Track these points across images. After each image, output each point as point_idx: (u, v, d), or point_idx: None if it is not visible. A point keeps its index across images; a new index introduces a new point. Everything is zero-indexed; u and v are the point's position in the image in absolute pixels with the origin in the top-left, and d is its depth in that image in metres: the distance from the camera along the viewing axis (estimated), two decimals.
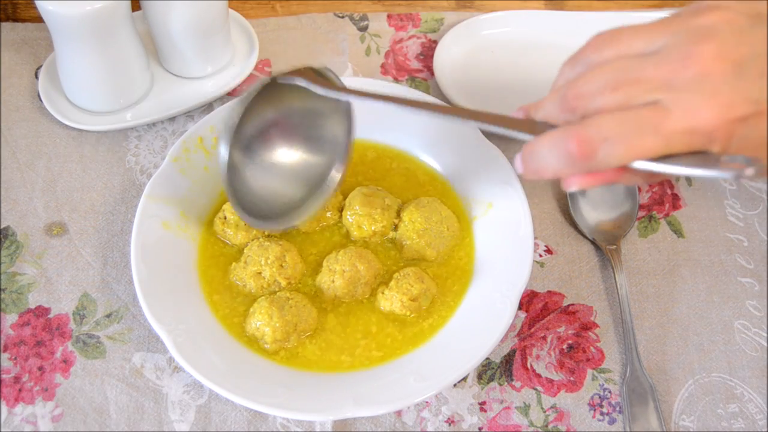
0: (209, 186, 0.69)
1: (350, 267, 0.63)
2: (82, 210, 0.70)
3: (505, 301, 0.61)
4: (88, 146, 0.73)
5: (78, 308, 0.65)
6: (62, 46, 0.69)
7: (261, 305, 0.61)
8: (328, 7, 0.85)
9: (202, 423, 0.60)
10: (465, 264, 0.66)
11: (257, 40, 0.79)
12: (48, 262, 0.67)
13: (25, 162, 0.72)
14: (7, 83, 0.77)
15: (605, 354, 0.64)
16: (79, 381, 0.61)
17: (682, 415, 0.61)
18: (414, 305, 0.62)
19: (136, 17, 0.76)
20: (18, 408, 0.60)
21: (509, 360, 0.63)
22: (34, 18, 0.81)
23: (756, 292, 0.67)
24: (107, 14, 0.65)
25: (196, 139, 0.69)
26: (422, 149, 0.72)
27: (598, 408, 0.61)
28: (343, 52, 0.82)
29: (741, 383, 0.63)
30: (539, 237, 0.70)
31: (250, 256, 0.64)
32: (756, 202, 0.73)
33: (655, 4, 0.87)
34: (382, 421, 0.60)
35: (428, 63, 0.81)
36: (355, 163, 0.72)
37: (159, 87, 0.77)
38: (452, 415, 0.61)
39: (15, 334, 0.63)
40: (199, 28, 0.72)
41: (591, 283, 0.67)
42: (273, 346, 0.60)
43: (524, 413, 0.61)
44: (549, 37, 0.82)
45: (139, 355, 0.62)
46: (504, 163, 0.68)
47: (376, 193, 0.67)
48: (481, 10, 0.86)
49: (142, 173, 0.72)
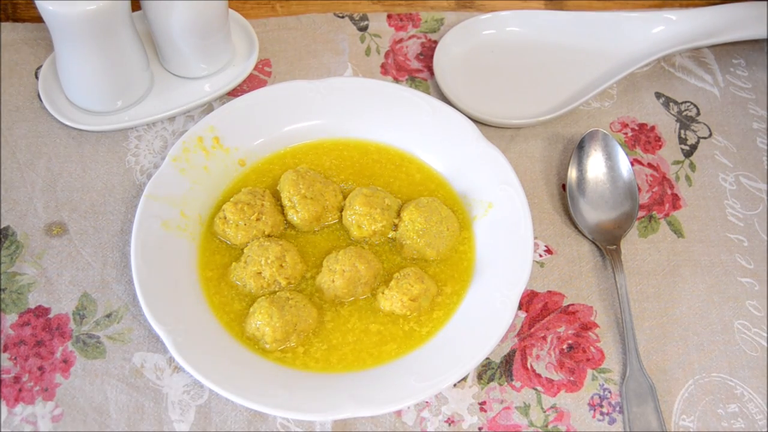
0: (209, 186, 0.69)
1: (350, 267, 0.63)
2: (82, 210, 0.70)
3: (505, 301, 0.61)
4: (88, 146, 0.73)
5: (78, 308, 0.65)
6: (62, 46, 0.69)
7: (261, 305, 0.61)
8: (328, 7, 0.85)
9: (202, 423, 0.60)
10: (465, 264, 0.66)
11: (257, 40, 0.79)
12: (48, 262, 0.67)
13: (25, 162, 0.72)
14: (7, 83, 0.77)
15: (605, 354, 0.64)
16: (79, 381, 0.61)
17: (682, 415, 0.61)
18: (414, 305, 0.62)
19: (136, 17, 0.76)
20: (18, 408, 0.60)
21: (509, 360, 0.63)
22: (34, 18, 0.81)
23: (756, 292, 0.67)
24: (107, 14, 0.65)
25: (196, 139, 0.69)
26: (422, 149, 0.72)
27: (598, 408, 0.61)
28: (343, 52, 0.81)
29: (741, 383, 0.63)
30: (539, 237, 0.70)
31: (250, 256, 0.64)
32: (756, 202, 0.73)
33: (655, 4, 0.87)
34: (382, 421, 0.60)
35: (428, 63, 0.81)
36: (356, 163, 0.72)
37: (159, 87, 0.77)
38: (452, 415, 0.61)
39: (15, 334, 0.63)
40: (199, 28, 0.72)
41: (591, 283, 0.67)
42: (273, 346, 0.60)
43: (524, 413, 0.61)
44: (549, 37, 0.82)
45: (139, 355, 0.62)
46: (504, 163, 0.68)
47: (376, 193, 0.67)
48: (481, 10, 0.86)
49: (142, 173, 0.72)
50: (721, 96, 0.80)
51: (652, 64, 0.82)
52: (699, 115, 0.79)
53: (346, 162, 0.72)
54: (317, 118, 0.73)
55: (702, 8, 0.82)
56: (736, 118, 0.79)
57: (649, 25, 0.82)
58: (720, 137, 0.77)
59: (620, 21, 0.82)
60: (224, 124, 0.70)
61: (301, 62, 0.81)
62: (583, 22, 0.82)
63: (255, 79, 0.79)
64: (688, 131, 0.78)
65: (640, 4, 0.87)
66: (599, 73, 0.79)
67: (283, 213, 0.68)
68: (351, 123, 0.73)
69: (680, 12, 0.82)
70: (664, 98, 0.80)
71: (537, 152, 0.75)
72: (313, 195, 0.66)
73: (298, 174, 0.67)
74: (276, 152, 0.72)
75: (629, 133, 0.77)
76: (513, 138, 0.76)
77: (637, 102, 0.79)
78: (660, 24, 0.81)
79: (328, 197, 0.67)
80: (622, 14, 0.83)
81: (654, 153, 0.76)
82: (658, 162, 0.75)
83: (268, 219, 0.66)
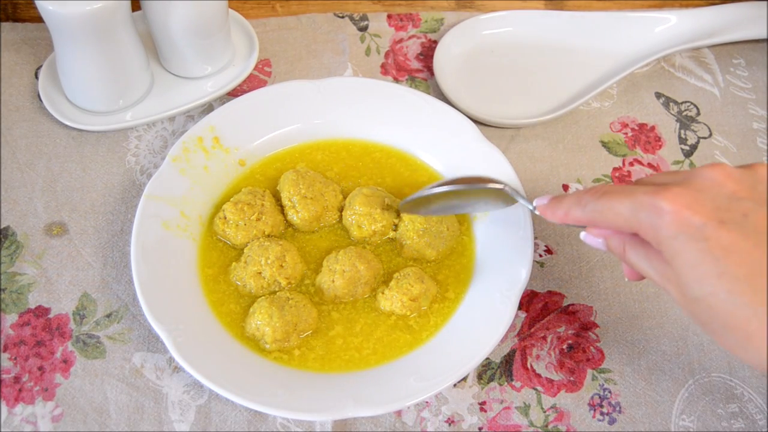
0: (209, 186, 0.69)
1: (350, 267, 0.63)
2: (82, 210, 0.70)
3: (505, 301, 0.61)
4: (88, 146, 0.73)
5: (78, 308, 0.65)
6: (62, 46, 0.69)
7: (261, 305, 0.61)
8: (328, 7, 0.85)
9: (202, 423, 0.60)
10: (465, 264, 0.66)
11: (257, 40, 0.79)
12: (48, 262, 0.67)
13: (25, 162, 0.72)
14: (7, 83, 0.77)
15: (605, 354, 0.64)
16: (79, 381, 0.61)
17: (682, 415, 0.61)
18: (414, 305, 0.62)
19: (136, 17, 0.76)
20: (18, 408, 0.60)
21: (509, 360, 0.63)
22: (34, 18, 0.81)
23: None
24: (107, 14, 0.65)
25: (196, 139, 0.69)
26: (422, 149, 0.72)
27: (598, 408, 0.61)
28: (343, 52, 0.81)
29: (741, 383, 0.62)
30: (539, 237, 0.70)
31: (250, 256, 0.64)
32: None
33: (655, 4, 0.87)
34: (382, 421, 0.60)
35: (428, 63, 0.81)
36: (356, 163, 0.72)
37: (159, 87, 0.77)
38: (452, 415, 0.61)
39: (15, 334, 0.63)
40: (199, 28, 0.72)
41: (591, 283, 0.67)
42: (273, 346, 0.60)
43: (524, 413, 0.61)
44: (549, 37, 0.82)
45: (139, 355, 0.62)
46: (504, 163, 0.68)
47: (376, 193, 0.67)
48: (481, 10, 0.86)
49: (142, 173, 0.72)
50: (721, 96, 0.80)
51: (652, 64, 0.82)
52: (699, 115, 0.79)
53: (347, 162, 0.72)
54: (317, 118, 0.73)
55: (702, 8, 0.82)
56: (736, 118, 0.79)
57: (649, 25, 0.82)
58: (720, 137, 0.77)
59: (620, 21, 0.82)
60: (224, 124, 0.70)
61: (301, 62, 0.81)
62: (583, 22, 0.82)
63: (255, 79, 0.79)
64: (688, 131, 0.78)
65: (640, 4, 0.87)
66: (599, 73, 0.79)
67: (283, 213, 0.68)
68: (351, 123, 0.73)
69: (680, 12, 0.82)
70: (664, 98, 0.80)
71: (537, 152, 0.75)
72: (314, 195, 0.66)
73: (298, 174, 0.67)
74: (276, 152, 0.72)
75: (629, 133, 0.77)
76: (513, 138, 0.75)
77: (637, 102, 0.79)
78: (660, 24, 0.81)
79: (328, 197, 0.67)
80: (622, 14, 0.83)
81: (654, 153, 0.76)
82: (658, 162, 0.75)
83: (268, 219, 0.66)
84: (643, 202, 0.46)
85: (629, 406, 0.61)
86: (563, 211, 0.53)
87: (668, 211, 0.45)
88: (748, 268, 0.43)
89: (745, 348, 0.44)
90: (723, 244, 0.43)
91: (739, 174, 0.47)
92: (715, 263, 0.43)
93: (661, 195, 0.46)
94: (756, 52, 0.83)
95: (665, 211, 0.45)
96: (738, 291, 0.43)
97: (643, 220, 0.47)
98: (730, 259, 0.43)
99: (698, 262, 0.44)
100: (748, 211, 0.44)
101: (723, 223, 0.44)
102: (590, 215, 0.50)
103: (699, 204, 0.45)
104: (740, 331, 0.43)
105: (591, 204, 0.50)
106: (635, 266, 0.50)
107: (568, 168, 0.74)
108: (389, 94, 0.73)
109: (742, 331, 0.43)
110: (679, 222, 0.45)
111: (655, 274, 0.49)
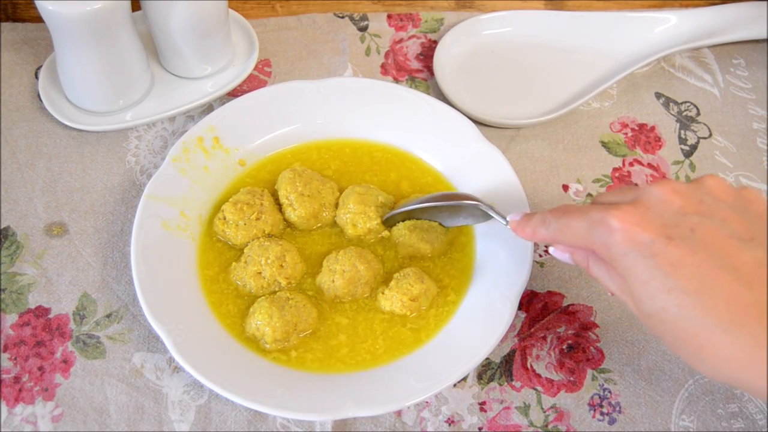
0: (209, 186, 0.69)
1: (350, 267, 0.63)
2: (82, 210, 0.70)
3: (505, 301, 0.61)
4: (88, 146, 0.73)
5: (78, 308, 0.65)
6: (62, 46, 0.69)
7: (261, 305, 0.61)
8: (328, 7, 0.85)
9: (202, 423, 0.60)
10: (465, 264, 0.66)
11: (257, 40, 0.79)
12: (48, 262, 0.67)
13: (25, 162, 0.72)
14: (7, 83, 0.77)
15: (605, 354, 0.64)
16: (79, 381, 0.61)
17: (682, 415, 0.61)
18: (414, 305, 0.62)
19: (136, 17, 0.76)
20: (18, 408, 0.60)
21: (509, 360, 0.63)
22: (34, 18, 0.81)
23: None
24: (107, 14, 0.65)
25: (196, 139, 0.69)
26: (422, 149, 0.72)
27: (598, 408, 0.61)
28: (343, 52, 0.81)
29: None
30: None
31: (250, 256, 0.64)
32: None
33: (655, 4, 0.87)
34: (382, 421, 0.60)
35: (428, 63, 0.81)
36: (356, 163, 0.72)
37: (159, 87, 0.77)
38: (452, 415, 0.61)
39: (15, 334, 0.63)
40: (199, 28, 0.72)
41: (591, 283, 0.67)
42: (273, 346, 0.61)
43: (524, 413, 0.61)
44: (549, 37, 0.82)
45: (139, 355, 0.62)
46: (504, 163, 0.68)
47: (369, 191, 0.67)
48: (481, 10, 0.86)
49: (142, 173, 0.72)
50: (721, 96, 0.80)
51: (652, 64, 0.82)
52: (699, 115, 0.79)
53: (346, 162, 0.72)
54: (317, 118, 0.73)
55: (702, 8, 0.82)
56: (736, 119, 0.79)
57: (649, 25, 0.82)
58: (720, 137, 0.77)
59: (620, 21, 0.82)
60: (224, 124, 0.70)
61: (301, 62, 0.81)
62: (583, 22, 0.82)
63: (255, 79, 0.79)
64: (688, 131, 0.78)
65: (640, 4, 0.87)
66: (599, 73, 0.79)
67: (281, 211, 0.68)
68: (351, 123, 0.73)
69: (680, 12, 0.82)
70: (664, 98, 0.80)
71: (537, 152, 0.75)
72: (311, 192, 0.66)
73: (294, 172, 0.68)
74: (276, 152, 0.72)
75: (629, 134, 0.77)
76: (513, 138, 0.76)
77: (637, 102, 0.79)
78: (660, 24, 0.81)
79: (325, 195, 0.67)
80: (622, 14, 0.83)
81: (654, 153, 0.76)
82: (658, 162, 0.75)
83: (268, 218, 0.66)
84: (595, 221, 0.48)
85: (629, 406, 0.61)
86: (531, 229, 0.55)
87: (618, 229, 0.46)
88: (697, 283, 0.44)
89: (699, 359, 0.45)
90: (671, 260, 0.44)
91: (686, 189, 0.48)
92: (665, 279, 0.45)
93: (611, 213, 0.47)
94: (756, 52, 0.83)
95: (615, 228, 0.46)
96: (687, 305, 0.44)
97: (596, 238, 0.48)
98: (678, 275, 0.44)
99: (648, 278, 0.45)
100: (695, 225, 0.46)
101: (671, 239, 0.45)
102: (552, 234, 0.52)
103: (647, 221, 0.46)
104: (692, 343, 0.44)
105: (553, 223, 0.52)
106: (599, 280, 0.52)
107: (568, 168, 0.74)
108: (389, 95, 0.73)
109: (694, 344, 0.44)
110: (628, 239, 0.46)
111: (615, 289, 0.50)
